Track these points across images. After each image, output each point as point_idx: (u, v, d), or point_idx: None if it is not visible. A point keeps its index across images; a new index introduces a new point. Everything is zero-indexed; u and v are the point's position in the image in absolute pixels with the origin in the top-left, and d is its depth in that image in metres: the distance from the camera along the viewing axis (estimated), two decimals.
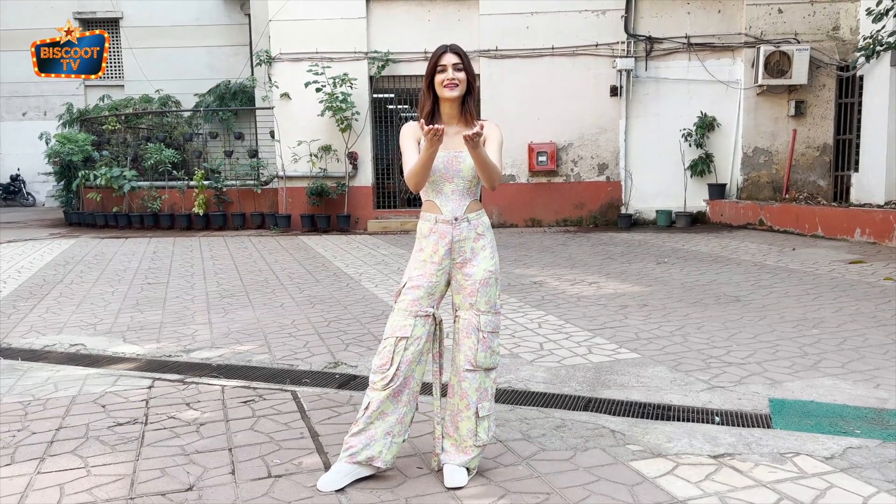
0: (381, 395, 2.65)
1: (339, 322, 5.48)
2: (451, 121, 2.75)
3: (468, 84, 2.71)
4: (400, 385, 2.65)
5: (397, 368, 2.63)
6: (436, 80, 2.69)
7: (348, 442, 2.69)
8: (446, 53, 2.70)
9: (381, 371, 2.65)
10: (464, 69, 2.69)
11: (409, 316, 2.67)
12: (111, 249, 10.32)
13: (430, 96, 2.73)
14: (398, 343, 2.64)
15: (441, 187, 2.73)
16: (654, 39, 11.90)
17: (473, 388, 2.72)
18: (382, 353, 2.67)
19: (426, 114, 2.73)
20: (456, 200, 2.73)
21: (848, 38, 11.57)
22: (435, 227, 2.73)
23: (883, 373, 3.94)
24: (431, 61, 2.71)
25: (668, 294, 6.29)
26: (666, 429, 3.18)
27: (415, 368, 2.68)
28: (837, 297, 5.98)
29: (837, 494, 2.54)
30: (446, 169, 2.71)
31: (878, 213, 9.21)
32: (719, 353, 4.40)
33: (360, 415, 2.69)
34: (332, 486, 2.64)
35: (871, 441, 3.00)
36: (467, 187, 2.74)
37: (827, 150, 11.88)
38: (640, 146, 12.12)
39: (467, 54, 2.76)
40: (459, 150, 2.70)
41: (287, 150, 12.23)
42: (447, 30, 11.75)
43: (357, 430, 2.68)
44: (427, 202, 2.78)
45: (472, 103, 2.76)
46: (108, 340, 5.07)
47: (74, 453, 3.03)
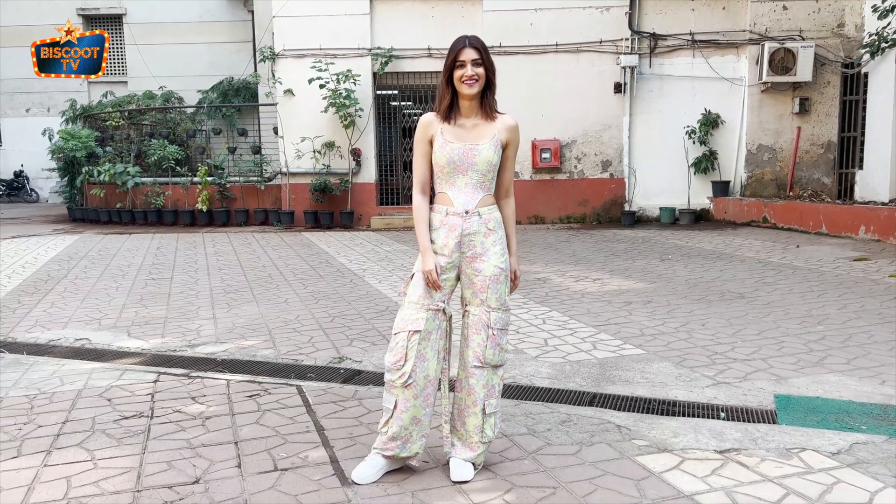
0: (406, 393, 2.62)
1: (343, 318, 5.48)
2: (470, 114, 2.72)
3: (487, 79, 2.68)
4: (422, 383, 2.63)
5: (413, 364, 2.60)
6: (455, 75, 2.66)
7: (386, 445, 2.67)
8: (465, 48, 2.65)
9: (397, 368, 2.62)
10: (483, 64, 2.65)
11: (420, 309, 2.64)
12: (115, 245, 10.33)
13: (449, 91, 2.69)
14: (411, 337, 2.61)
15: (454, 179, 2.70)
16: (659, 36, 11.87)
17: (481, 384, 2.70)
18: (395, 349, 2.63)
19: (445, 108, 2.70)
20: (468, 193, 2.70)
21: (853, 35, 11.53)
22: (445, 220, 2.70)
23: (888, 369, 3.93)
24: (450, 56, 2.66)
25: (672, 290, 6.28)
26: (672, 424, 3.18)
27: (431, 364, 2.65)
28: (842, 294, 5.97)
29: (844, 489, 2.54)
30: (461, 161, 2.68)
31: (882, 211, 9.18)
32: (724, 349, 4.40)
33: (389, 416, 2.65)
34: (370, 479, 2.65)
35: (878, 437, 3.00)
36: (481, 181, 2.70)
37: (831, 148, 11.85)
38: (643, 143, 12.10)
39: (487, 47, 2.71)
40: (476, 142, 2.68)
41: (290, 146, 12.23)
42: (451, 26, 11.73)
43: (392, 434, 2.65)
44: (440, 194, 2.75)
45: (492, 97, 2.73)
46: (113, 335, 5.08)
47: (81, 446, 3.03)
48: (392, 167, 13.28)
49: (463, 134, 2.68)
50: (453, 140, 2.68)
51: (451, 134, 2.69)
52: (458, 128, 2.70)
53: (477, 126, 2.70)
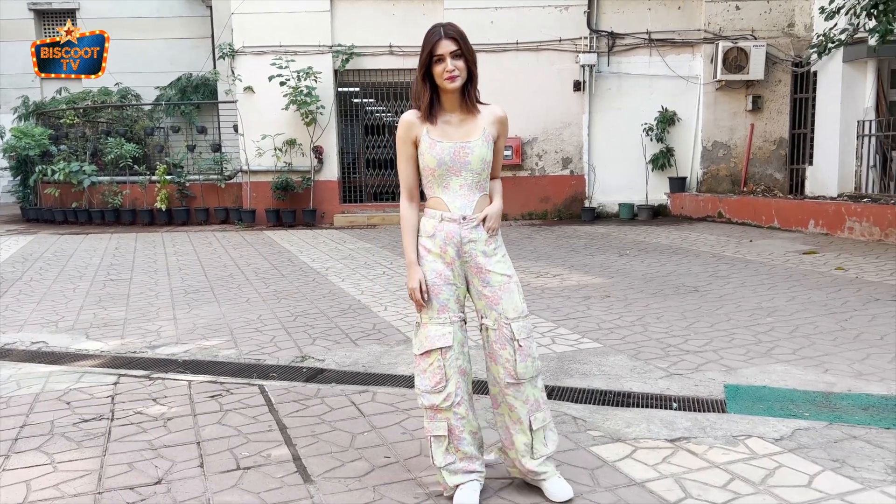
0: (457, 411, 2.47)
1: (306, 317, 5.50)
2: (454, 109, 2.51)
3: (468, 71, 2.46)
4: (466, 399, 2.50)
5: (456, 383, 2.46)
6: (434, 71, 2.43)
7: (466, 467, 2.51)
8: (442, 40, 2.40)
9: (438, 391, 2.45)
10: (462, 55, 2.42)
11: (444, 324, 2.46)
12: (71, 246, 10.14)
13: (427, 87, 2.46)
14: (445, 355, 2.44)
15: (448, 182, 2.50)
16: (616, 35, 12.09)
17: (520, 401, 2.49)
18: (431, 371, 2.45)
19: (426, 107, 2.48)
20: (464, 196, 2.50)
21: (802, 35, 11.89)
22: (440, 226, 2.49)
23: (831, 358, 4.11)
24: (426, 49, 2.42)
25: (629, 285, 6.43)
26: (625, 415, 3.29)
27: (469, 378, 2.54)
28: (791, 286, 6.19)
29: (785, 474, 2.67)
30: (453, 162, 2.47)
31: (830, 206, 9.51)
32: (677, 341, 4.54)
33: (447, 442, 2.48)
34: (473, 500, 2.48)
35: (819, 423, 3.15)
36: (476, 181, 2.52)
37: (783, 144, 12.21)
38: (602, 140, 12.31)
39: (465, 35, 2.46)
40: (467, 140, 2.49)
41: (251, 144, 12.14)
42: (412, 24, 11.77)
43: (466, 453, 2.50)
44: (432, 198, 2.54)
45: (474, 89, 2.52)
46: (71, 337, 5.02)
47: (40, 450, 3.02)
48: (355, 164, 13.28)
49: (451, 131, 2.49)
50: (441, 139, 2.48)
51: (438, 132, 2.48)
52: (444, 125, 2.50)
53: (464, 121, 2.51)
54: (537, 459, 2.51)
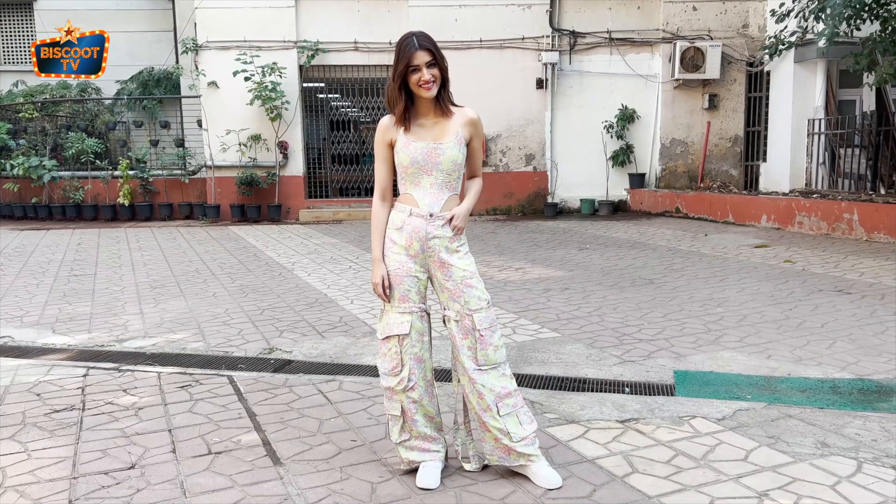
0: (411, 395, 2.62)
1: (273, 310, 5.59)
2: (429, 113, 2.64)
3: (442, 77, 2.60)
4: (423, 384, 2.64)
5: (411, 367, 2.60)
6: (410, 80, 2.55)
7: (421, 445, 2.68)
8: (417, 52, 2.52)
9: (394, 374, 2.61)
10: (437, 64, 2.56)
11: (403, 313, 2.61)
12: (32, 241, 10.03)
13: (403, 96, 2.59)
14: (402, 342, 2.60)
15: (419, 180, 2.63)
16: (578, 34, 12.34)
17: (487, 388, 2.60)
18: (389, 356, 2.62)
19: (400, 114, 2.61)
20: (434, 194, 2.63)
21: (756, 36, 12.29)
22: (408, 221, 2.62)
23: (775, 345, 4.36)
24: (402, 62, 2.53)
25: (588, 278, 6.65)
26: (580, 399, 3.48)
27: (428, 365, 2.67)
28: (742, 278, 6.47)
29: (725, 449, 2.88)
30: (425, 161, 2.60)
31: (782, 201, 9.89)
32: (632, 330, 4.76)
33: (402, 422, 2.64)
34: (435, 484, 2.60)
35: (759, 404, 3.38)
36: (446, 181, 2.64)
37: (738, 142, 12.60)
38: (565, 137, 12.56)
39: (436, 43, 2.59)
40: (439, 141, 2.62)
41: (215, 139, 12.11)
42: (377, 20, 11.89)
43: (420, 433, 2.66)
44: (404, 195, 2.67)
45: (447, 95, 2.66)
46: (37, 332, 5.04)
47: (13, 439, 3.09)
48: (320, 160, 13.33)
49: (424, 133, 2.62)
50: (416, 139, 2.61)
51: (413, 133, 2.63)
52: (418, 127, 2.63)
53: (438, 124, 2.64)
54: (518, 442, 2.60)
